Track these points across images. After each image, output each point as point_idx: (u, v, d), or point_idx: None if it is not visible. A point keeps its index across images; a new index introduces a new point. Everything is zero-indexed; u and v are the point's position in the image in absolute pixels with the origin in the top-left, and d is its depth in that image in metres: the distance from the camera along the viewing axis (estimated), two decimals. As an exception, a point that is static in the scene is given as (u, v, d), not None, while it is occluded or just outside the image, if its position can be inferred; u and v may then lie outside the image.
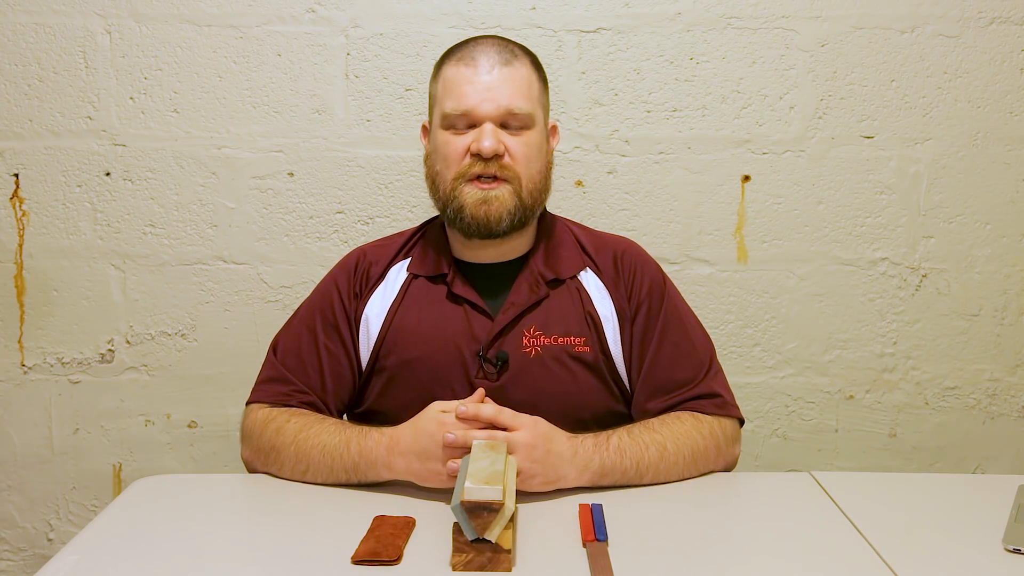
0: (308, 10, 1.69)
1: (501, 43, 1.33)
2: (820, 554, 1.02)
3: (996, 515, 1.11)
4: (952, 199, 1.75)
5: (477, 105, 1.28)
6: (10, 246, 1.74)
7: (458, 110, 1.29)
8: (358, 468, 1.18)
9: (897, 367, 1.78)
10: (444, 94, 1.31)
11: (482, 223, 1.29)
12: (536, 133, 1.32)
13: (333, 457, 1.19)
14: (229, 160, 1.72)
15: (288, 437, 1.24)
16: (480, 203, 1.28)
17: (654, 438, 1.22)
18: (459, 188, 1.29)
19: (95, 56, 1.69)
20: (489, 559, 0.95)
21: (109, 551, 1.02)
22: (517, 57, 1.32)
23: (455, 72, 1.30)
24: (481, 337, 1.30)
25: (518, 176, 1.29)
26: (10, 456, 1.78)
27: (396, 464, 1.15)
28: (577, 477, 1.17)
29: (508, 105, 1.28)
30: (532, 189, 1.31)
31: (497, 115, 1.28)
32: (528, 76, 1.32)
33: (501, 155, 1.28)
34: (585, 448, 1.17)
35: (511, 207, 1.29)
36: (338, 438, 1.20)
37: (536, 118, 1.31)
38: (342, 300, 1.37)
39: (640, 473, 1.20)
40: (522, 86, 1.30)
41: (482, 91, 1.28)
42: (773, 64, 1.71)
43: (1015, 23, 1.71)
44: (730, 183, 1.74)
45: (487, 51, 1.31)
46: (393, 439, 1.16)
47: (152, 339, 1.75)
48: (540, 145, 1.33)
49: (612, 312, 1.34)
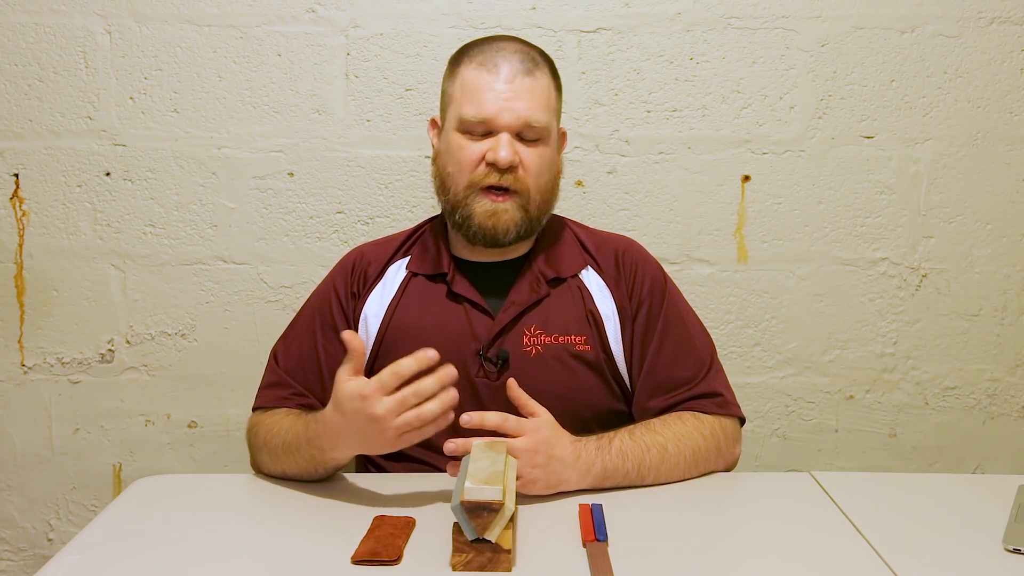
0: (308, 10, 1.69)
1: (523, 49, 1.32)
2: (820, 554, 1.02)
3: (996, 515, 1.11)
4: (952, 199, 1.75)
5: (497, 114, 1.27)
6: (10, 246, 1.74)
7: (477, 117, 1.27)
8: (315, 458, 1.18)
9: (897, 367, 1.78)
10: (463, 97, 1.29)
11: (489, 234, 1.29)
12: (550, 146, 1.32)
13: (297, 449, 1.20)
14: (229, 160, 1.72)
15: (262, 439, 1.27)
16: (489, 215, 1.28)
17: (656, 440, 1.22)
18: (471, 197, 1.29)
19: (95, 56, 1.69)
20: (489, 559, 0.95)
21: (109, 551, 1.02)
22: (538, 66, 1.31)
23: (476, 76, 1.29)
24: (482, 336, 1.30)
25: (528, 189, 1.29)
26: (10, 456, 1.78)
27: (341, 446, 1.14)
28: (579, 481, 1.17)
29: (527, 117, 1.27)
30: (540, 201, 1.32)
31: (515, 126, 1.27)
32: (548, 87, 1.31)
33: (516, 167, 1.28)
34: (588, 452, 1.17)
35: (518, 220, 1.29)
36: (295, 431, 1.21)
37: (551, 131, 1.32)
38: (340, 301, 1.38)
39: (641, 475, 1.20)
40: (541, 98, 1.29)
41: (502, 100, 1.27)
42: (773, 64, 1.71)
43: (1015, 23, 1.71)
44: (730, 183, 1.74)
45: (510, 58, 1.29)
46: (326, 425, 1.14)
47: (152, 339, 1.75)
48: (552, 158, 1.33)
49: (613, 311, 1.34)
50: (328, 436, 1.14)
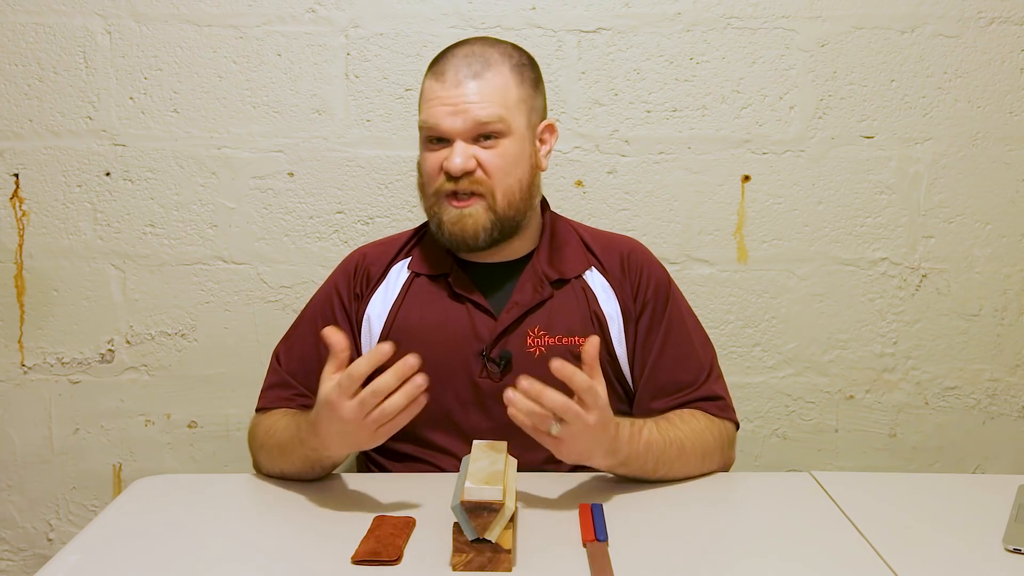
0: (308, 10, 1.69)
1: (477, 50, 1.29)
2: (820, 554, 1.02)
3: (996, 515, 1.11)
4: (952, 199, 1.75)
5: (441, 122, 1.26)
6: (10, 246, 1.74)
7: (426, 126, 1.28)
8: (310, 458, 1.18)
9: (897, 367, 1.78)
10: (421, 106, 1.31)
11: (459, 240, 1.29)
12: (513, 141, 1.28)
13: (292, 449, 1.20)
14: (229, 160, 1.72)
15: (260, 440, 1.27)
16: (455, 222, 1.28)
17: (676, 435, 1.23)
18: (438, 205, 1.30)
19: (95, 56, 1.69)
20: (489, 559, 0.95)
21: (109, 551, 1.03)
22: (490, 66, 1.27)
23: (428, 86, 1.30)
24: (484, 336, 1.30)
25: (492, 191, 1.27)
26: (10, 456, 1.78)
27: (330, 447, 1.14)
28: (601, 461, 1.15)
29: (476, 117, 1.25)
30: (511, 200, 1.29)
31: (465, 129, 1.26)
32: (502, 83, 1.27)
33: (472, 171, 1.26)
34: (621, 437, 1.14)
35: (486, 223, 1.28)
36: (290, 431, 1.21)
37: (512, 125, 1.28)
38: (342, 302, 1.38)
39: (656, 469, 1.20)
40: (492, 95, 1.26)
41: (448, 106, 1.26)
42: (773, 64, 1.71)
43: (1015, 23, 1.71)
44: (730, 183, 1.74)
45: (457, 64, 1.27)
46: (314, 424, 1.14)
47: (152, 339, 1.75)
48: (519, 153, 1.29)
49: (617, 312, 1.34)
50: (316, 436, 1.14)
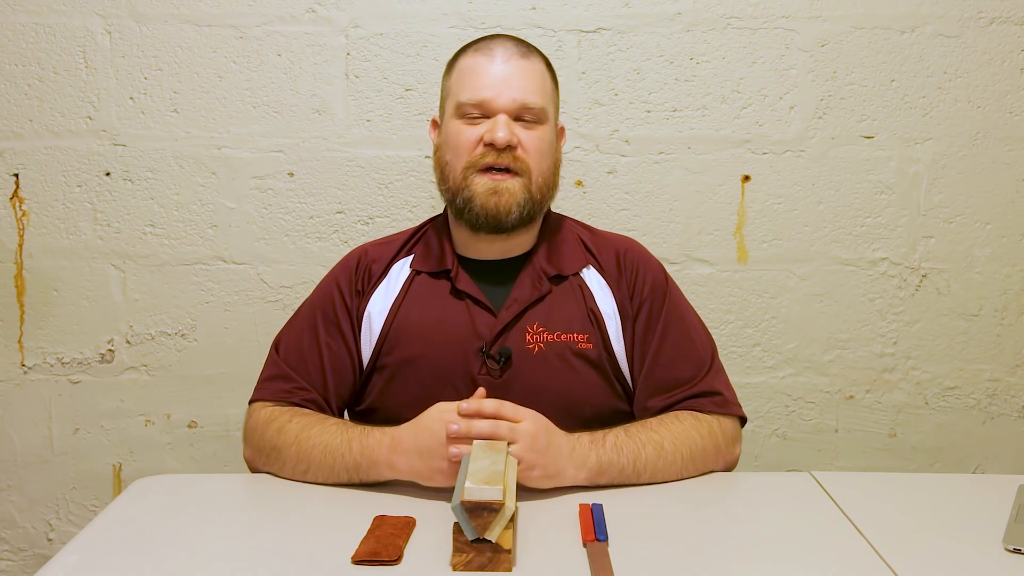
0: (308, 10, 1.69)
1: (517, 39, 1.36)
2: (820, 554, 1.02)
3: (996, 515, 1.11)
4: (952, 199, 1.75)
5: (493, 96, 1.28)
6: (10, 246, 1.74)
7: (473, 99, 1.29)
8: (360, 468, 1.18)
9: (897, 367, 1.78)
10: (459, 84, 1.31)
11: (491, 214, 1.28)
12: (548, 129, 1.32)
13: (335, 457, 1.19)
14: (229, 160, 1.72)
15: (289, 437, 1.23)
16: (491, 193, 1.28)
17: (651, 437, 1.22)
18: (470, 178, 1.29)
19: (95, 56, 1.69)
20: (489, 559, 0.95)
21: (109, 551, 1.02)
22: (532, 52, 1.34)
23: (472, 62, 1.31)
24: (484, 333, 1.30)
25: (529, 170, 1.29)
26: (10, 456, 1.78)
27: (398, 463, 1.15)
28: (575, 474, 1.16)
29: (523, 99, 1.28)
30: (542, 184, 1.31)
31: (512, 107, 1.28)
32: (543, 72, 1.34)
33: (514, 147, 1.28)
34: (582, 445, 1.17)
35: (521, 200, 1.29)
36: (340, 438, 1.20)
37: (548, 114, 1.32)
38: (343, 298, 1.37)
39: (637, 471, 1.20)
40: (536, 80, 1.31)
41: (498, 82, 1.28)
42: (773, 64, 1.71)
43: (1015, 23, 1.71)
44: (730, 183, 1.74)
45: (504, 43, 1.32)
46: (395, 438, 1.15)
47: (152, 339, 1.75)
48: (551, 142, 1.34)
49: (614, 310, 1.34)
50: (392, 451, 1.14)
